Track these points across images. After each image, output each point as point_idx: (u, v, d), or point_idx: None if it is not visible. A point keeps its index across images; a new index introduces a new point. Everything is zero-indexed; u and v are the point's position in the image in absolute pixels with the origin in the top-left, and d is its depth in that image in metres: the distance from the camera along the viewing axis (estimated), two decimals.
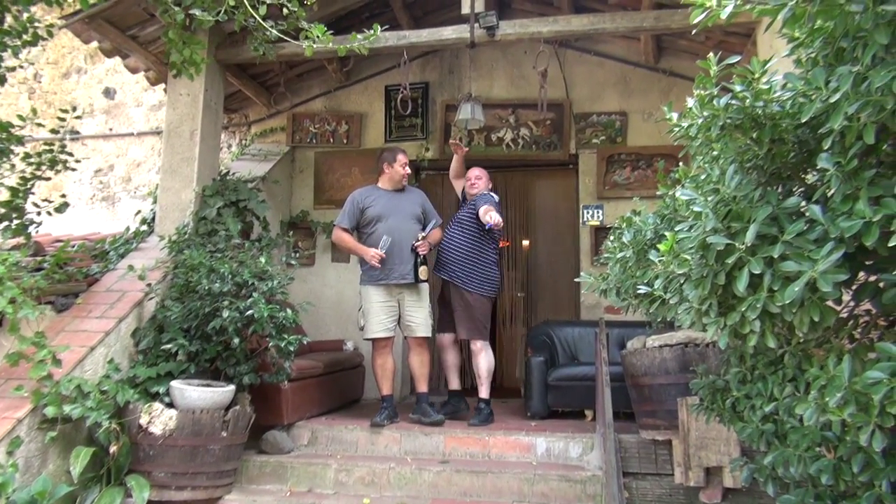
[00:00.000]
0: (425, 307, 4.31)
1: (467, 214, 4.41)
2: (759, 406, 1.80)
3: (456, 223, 4.46)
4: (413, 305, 4.26)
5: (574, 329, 5.00)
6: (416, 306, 4.27)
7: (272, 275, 3.76)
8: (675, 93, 5.27)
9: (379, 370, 4.27)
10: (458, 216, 4.48)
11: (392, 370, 4.29)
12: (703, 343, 3.26)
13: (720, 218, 1.44)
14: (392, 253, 4.20)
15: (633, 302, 2.18)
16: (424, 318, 4.28)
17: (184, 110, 4.53)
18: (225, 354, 3.68)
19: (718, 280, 1.43)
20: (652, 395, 3.41)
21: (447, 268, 4.37)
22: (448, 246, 4.40)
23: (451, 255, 4.36)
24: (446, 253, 4.40)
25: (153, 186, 5.53)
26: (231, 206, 4.45)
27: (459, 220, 4.45)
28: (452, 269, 4.34)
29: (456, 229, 4.42)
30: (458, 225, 4.43)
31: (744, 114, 1.48)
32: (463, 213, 4.47)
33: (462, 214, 4.46)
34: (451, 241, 4.39)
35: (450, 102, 5.69)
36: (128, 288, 3.84)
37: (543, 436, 3.83)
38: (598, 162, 5.47)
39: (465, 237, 4.37)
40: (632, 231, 2.11)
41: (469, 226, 4.38)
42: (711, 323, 1.51)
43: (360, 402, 5.11)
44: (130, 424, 3.31)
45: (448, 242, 4.41)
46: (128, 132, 6.69)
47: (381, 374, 4.26)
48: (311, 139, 5.96)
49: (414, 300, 4.27)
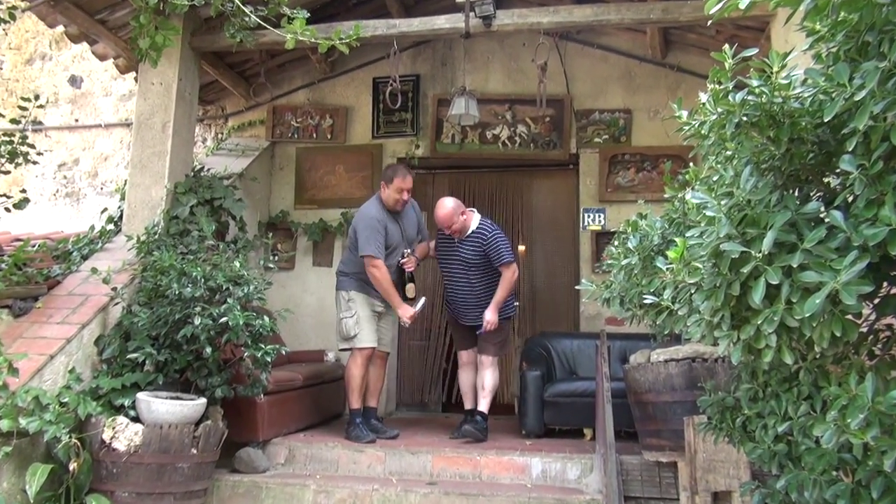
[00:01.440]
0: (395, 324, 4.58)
1: (470, 253, 4.31)
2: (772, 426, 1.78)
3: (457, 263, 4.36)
4: (387, 321, 4.50)
5: (573, 341, 5.00)
6: (390, 322, 4.52)
7: (248, 279, 3.73)
8: (683, 90, 5.28)
9: (361, 381, 4.28)
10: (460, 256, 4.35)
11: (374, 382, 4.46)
12: (712, 358, 3.26)
13: (734, 223, 1.42)
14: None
15: (637, 312, 2.17)
16: (393, 335, 4.62)
17: (156, 101, 4.49)
18: (196, 365, 3.64)
19: (732, 290, 1.42)
20: (656, 413, 3.40)
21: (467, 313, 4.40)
22: (461, 289, 4.38)
23: (466, 299, 4.38)
24: (460, 296, 4.40)
25: (121, 182, 5.48)
26: (205, 204, 4.42)
27: (461, 258, 4.34)
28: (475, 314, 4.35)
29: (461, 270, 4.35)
30: (462, 265, 4.34)
31: (761, 110, 1.47)
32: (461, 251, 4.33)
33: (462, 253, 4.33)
34: (463, 285, 4.37)
35: (442, 97, 5.68)
36: (92, 292, 3.79)
37: (539, 456, 3.81)
38: (600, 162, 5.48)
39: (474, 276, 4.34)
40: (637, 236, 2.09)
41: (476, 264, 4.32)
42: (724, 336, 1.50)
43: (341, 417, 5.07)
44: (92, 440, 3.27)
45: (458, 286, 4.39)
46: (95, 123, 6.63)
47: (362, 385, 4.29)
48: (293, 134, 5.94)
49: (389, 316, 4.47)
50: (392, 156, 5.78)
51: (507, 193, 5.99)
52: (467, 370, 4.50)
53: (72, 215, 6.46)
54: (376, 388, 4.45)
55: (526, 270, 5.94)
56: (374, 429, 4.25)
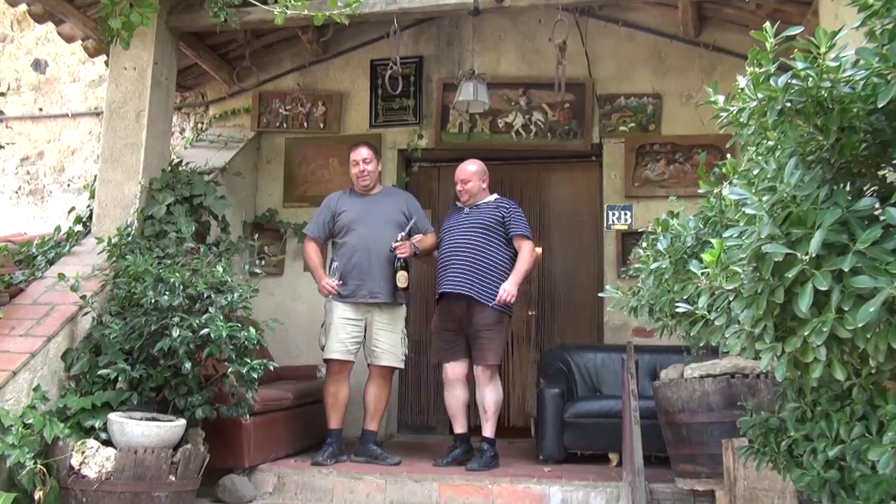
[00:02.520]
0: (397, 332, 4.41)
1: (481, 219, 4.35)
2: (822, 449, 1.78)
3: (462, 227, 4.38)
4: (382, 328, 4.38)
5: (596, 355, 4.99)
6: (386, 329, 4.38)
7: (232, 286, 3.75)
8: (719, 71, 5.28)
9: (330, 398, 4.35)
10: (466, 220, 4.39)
11: (346, 401, 4.38)
12: (754, 373, 3.25)
13: (778, 222, 1.42)
14: (359, 267, 4.32)
15: (668, 323, 2.17)
16: (392, 345, 4.38)
17: (129, 87, 4.52)
18: (174, 382, 3.65)
19: (776, 297, 1.42)
20: (691, 435, 3.39)
21: (460, 280, 4.26)
22: (457, 253, 4.32)
23: (464, 264, 4.27)
24: (457, 262, 4.30)
25: (90, 178, 5.50)
26: (184, 202, 4.44)
27: (469, 223, 4.36)
28: (470, 281, 4.23)
29: (464, 234, 4.35)
30: (468, 229, 4.35)
31: (807, 96, 1.47)
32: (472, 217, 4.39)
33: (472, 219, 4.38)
34: (462, 248, 4.32)
35: (448, 81, 5.69)
36: (58, 300, 3.81)
37: (559, 484, 3.80)
38: (626, 153, 5.47)
39: (480, 240, 4.31)
40: (668, 237, 2.10)
41: (484, 227, 4.32)
42: (766, 349, 1.50)
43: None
44: (59, 465, 3.28)
45: (456, 250, 4.33)
46: (61, 113, 6.67)
47: (332, 403, 4.35)
48: (281, 123, 5.96)
49: (384, 322, 4.38)
50: (392, 147, 5.80)
51: (522, 189, 5.99)
52: (455, 387, 4.36)
53: (36, 215, 6.51)
54: (376, 410, 4.43)
55: (543, 275, 5.94)
56: (372, 455, 4.26)
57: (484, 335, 4.24)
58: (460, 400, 4.37)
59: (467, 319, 4.29)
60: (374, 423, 4.43)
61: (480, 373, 4.29)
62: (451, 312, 4.36)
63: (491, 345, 4.24)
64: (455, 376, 4.36)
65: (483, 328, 4.24)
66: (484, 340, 4.25)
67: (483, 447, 4.22)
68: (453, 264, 4.31)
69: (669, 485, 3.51)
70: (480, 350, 4.27)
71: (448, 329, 4.40)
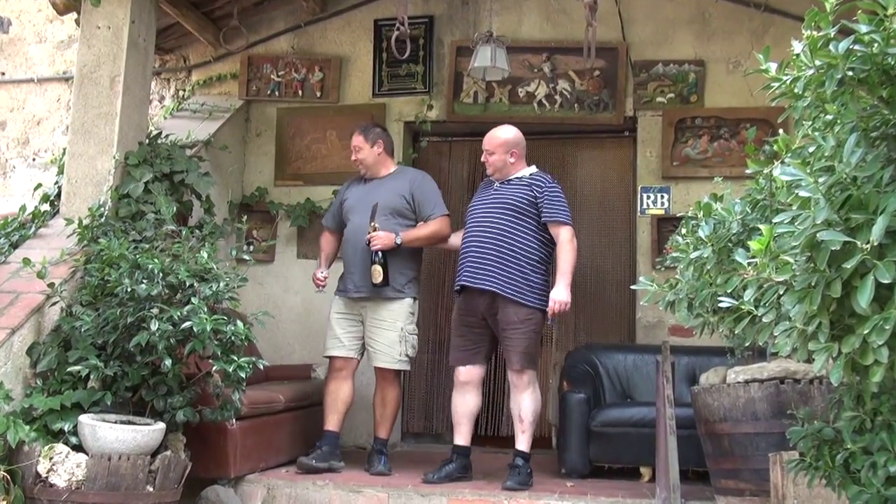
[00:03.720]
0: (394, 330, 4.42)
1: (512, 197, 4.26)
2: (883, 464, 1.80)
3: (487, 207, 4.30)
4: (376, 325, 4.46)
5: (627, 356, 5.00)
6: (380, 327, 4.44)
7: (218, 274, 3.76)
8: (771, 35, 5.25)
9: (328, 397, 4.50)
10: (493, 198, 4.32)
11: (346, 402, 4.50)
12: (806, 378, 3.25)
13: (836, 206, 1.43)
14: (347, 259, 4.55)
15: (710, 319, 2.18)
16: (388, 344, 4.42)
17: (102, 49, 4.53)
18: (152, 381, 3.67)
19: (832, 291, 1.43)
20: (733, 447, 3.40)
21: (482, 272, 4.18)
22: (480, 239, 4.23)
23: (487, 253, 4.18)
24: (479, 249, 4.22)
25: (59, 152, 5.54)
26: (163, 179, 4.46)
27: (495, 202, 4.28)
28: (493, 273, 4.15)
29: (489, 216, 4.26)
30: (494, 209, 4.26)
31: (871, 63, 1.47)
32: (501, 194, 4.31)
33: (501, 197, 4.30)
34: (486, 232, 4.22)
35: (462, 44, 5.69)
36: (23, 288, 3.84)
37: (583, 501, 3.82)
38: (663, 128, 5.46)
39: (507, 223, 4.21)
40: (711, 222, 2.10)
41: (513, 208, 4.23)
42: (820, 350, 1.51)
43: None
44: (25, 472, 3.31)
45: (480, 234, 4.25)
46: (26, 78, 6.70)
47: (330, 402, 4.48)
48: (273, 91, 5.97)
49: (378, 318, 4.45)
50: (398, 118, 5.80)
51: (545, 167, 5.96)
52: (467, 391, 4.29)
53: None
54: (380, 416, 4.51)
55: None
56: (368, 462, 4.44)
57: (510, 335, 4.17)
58: (470, 407, 4.31)
59: (492, 316, 4.23)
60: (381, 429, 4.51)
61: (515, 378, 4.21)
62: (472, 307, 4.28)
63: (518, 346, 4.15)
64: (468, 379, 4.29)
65: (509, 327, 4.15)
66: (510, 341, 4.17)
67: (517, 462, 4.12)
68: (475, 252, 4.24)
69: (709, 503, 3.52)
70: (507, 352, 4.23)
71: (469, 325, 4.32)
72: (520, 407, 4.22)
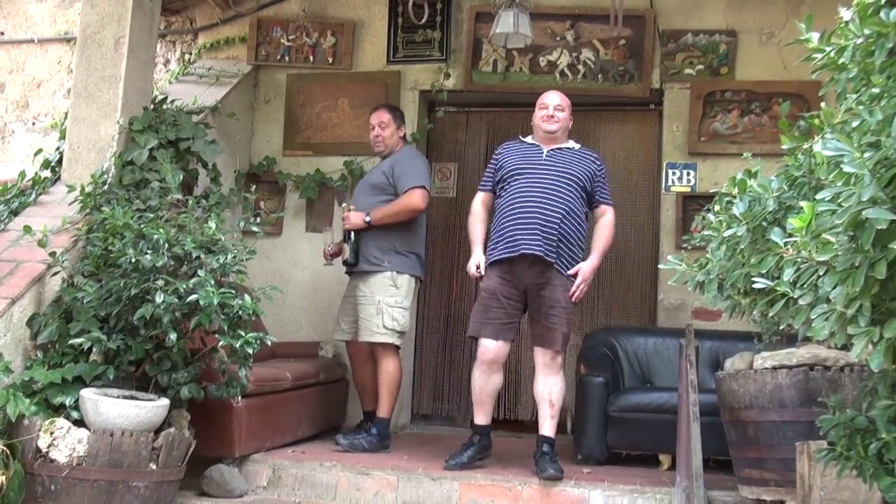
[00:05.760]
0: (372, 303, 4.57)
1: (565, 168, 4.16)
2: None
3: (543, 173, 4.15)
4: (358, 300, 4.68)
5: (648, 339, 5.00)
6: (362, 301, 4.64)
7: (225, 246, 3.77)
8: (808, 5, 5.18)
9: (355, 379, 5.00)
10: (549, 164, 4.19)
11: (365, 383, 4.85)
12: (837, 365, 3.24)
13: (882, 183, 1.42)
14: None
15: (741, 301, 2.17)
16: (367, 317, 4.59)
17: (106, 8, 4.51)
18: (156, 356, 3.70)
19: (876, 272, 1.42)
20: (759, 435, 3.40)
21: (540, 240, 4.03)
22: (539, 206, 4.08)
23: (548, 222, 4.04)
24: (536, 217, 4.06)
25: (60, 116, 5.55)
26: (168, 146, 4.46)
27: (554, 170, 4.16)
28: (553, 244, 4.04)
29: (548, 183, 4.12)
30: (554, 177, 4.13)
31: None
32: (550, 162, 4.19)
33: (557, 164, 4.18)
34: (546, 200, 4.07)
35: (482, 9, 5.64)
36: (24, 257, 3.86)
37: (601, 488, 3.83)
38: (692, 101, 5.42)
39: (569, 196, 4.11)
40: (746, 199, 2.09)
41: (575, 180, 4.15)
42: (860, 334, 1.50)
43: (341, 429, 5.15)
44: (25, 447, 3.34)
45: (537, 200, 4.08)
46: (26, 38, 6.70)
47: (359, 383, 4.94)
48: (283, 56, 5.95)
49: (359, 294, 4.67)
50: (413, 87, 5.78)
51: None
52: (493, 371, 4.16)
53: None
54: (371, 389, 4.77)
55: None
56: None
57: (556, 313, 4.08)
58: (495, 385, 4.21)
59: (535, 290, 4.12)
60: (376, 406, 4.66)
61: (549, 359, 4.12)
62: (519, 277, 4.12)
63: (562, 326, 4.09)
64: (497, 357, 4.14)
65: (557, 305, 4.07)
66: (554, 319, 4.08)
67: (545, 449, 4.05)
68: (530, 218, 4.06)
69: (731, 493, 3.52)
70: (547, 331, 4.11)
71: (509, 297, 4.13)
72: (551, 391, 4.13)
